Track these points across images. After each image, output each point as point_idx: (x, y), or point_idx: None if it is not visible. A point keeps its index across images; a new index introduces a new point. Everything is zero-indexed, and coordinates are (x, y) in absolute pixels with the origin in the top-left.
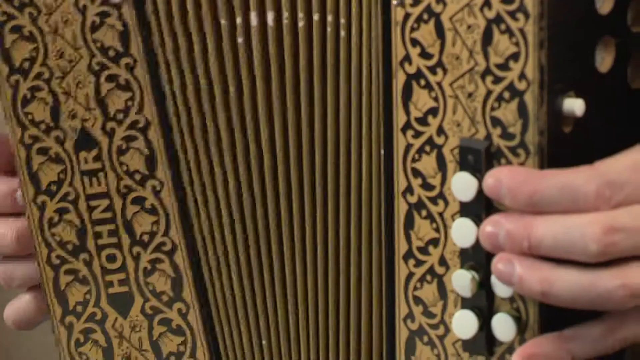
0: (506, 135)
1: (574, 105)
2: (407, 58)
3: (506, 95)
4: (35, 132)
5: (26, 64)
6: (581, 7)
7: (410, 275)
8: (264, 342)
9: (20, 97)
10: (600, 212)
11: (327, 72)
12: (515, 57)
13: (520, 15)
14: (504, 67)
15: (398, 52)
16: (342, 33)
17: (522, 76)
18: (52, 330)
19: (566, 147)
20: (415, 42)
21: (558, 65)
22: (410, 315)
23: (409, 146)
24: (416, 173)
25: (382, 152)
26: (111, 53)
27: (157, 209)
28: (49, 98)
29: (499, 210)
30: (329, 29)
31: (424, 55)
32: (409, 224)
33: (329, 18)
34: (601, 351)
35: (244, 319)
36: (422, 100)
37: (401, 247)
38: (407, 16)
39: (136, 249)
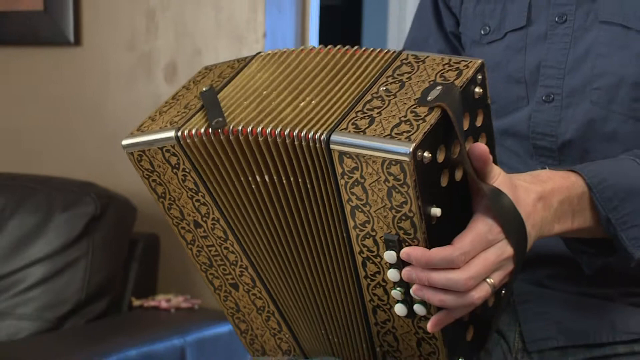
0: (407, 233)
1: (436, 212)
2: (349, 200)
3: (404, 217)
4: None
5: (165, 194)
6: (434, 169)
7: (368, 285)
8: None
9: (166, 206)
10: (461, 269)
11: (298, 202)
12: (405, 203)
13: (405, 186)
14: (400, 206)
15: (345, 197)
16: (301, 185)
17: (410, 211)
18: None
19: (436, 231)
20: (353, 193)
21: (427, 199)
22: (372, 301)
23: (357, 234)
24: (364, 246)
25: (345, 234)
26: (194, 189)
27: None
28: (178, 207)
29: (410, 264)
30: (292, 183)
31: (359, 199)
32: (364, 266)
33: (292, 178)
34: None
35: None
36: (361, 217)
37: (362, 274)
38: (346, 183)
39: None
